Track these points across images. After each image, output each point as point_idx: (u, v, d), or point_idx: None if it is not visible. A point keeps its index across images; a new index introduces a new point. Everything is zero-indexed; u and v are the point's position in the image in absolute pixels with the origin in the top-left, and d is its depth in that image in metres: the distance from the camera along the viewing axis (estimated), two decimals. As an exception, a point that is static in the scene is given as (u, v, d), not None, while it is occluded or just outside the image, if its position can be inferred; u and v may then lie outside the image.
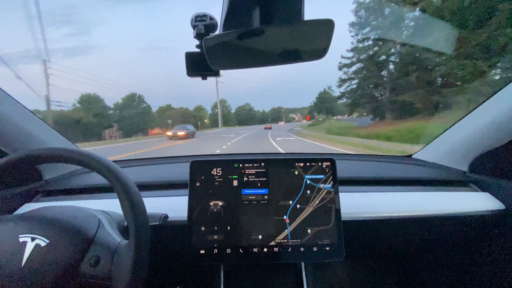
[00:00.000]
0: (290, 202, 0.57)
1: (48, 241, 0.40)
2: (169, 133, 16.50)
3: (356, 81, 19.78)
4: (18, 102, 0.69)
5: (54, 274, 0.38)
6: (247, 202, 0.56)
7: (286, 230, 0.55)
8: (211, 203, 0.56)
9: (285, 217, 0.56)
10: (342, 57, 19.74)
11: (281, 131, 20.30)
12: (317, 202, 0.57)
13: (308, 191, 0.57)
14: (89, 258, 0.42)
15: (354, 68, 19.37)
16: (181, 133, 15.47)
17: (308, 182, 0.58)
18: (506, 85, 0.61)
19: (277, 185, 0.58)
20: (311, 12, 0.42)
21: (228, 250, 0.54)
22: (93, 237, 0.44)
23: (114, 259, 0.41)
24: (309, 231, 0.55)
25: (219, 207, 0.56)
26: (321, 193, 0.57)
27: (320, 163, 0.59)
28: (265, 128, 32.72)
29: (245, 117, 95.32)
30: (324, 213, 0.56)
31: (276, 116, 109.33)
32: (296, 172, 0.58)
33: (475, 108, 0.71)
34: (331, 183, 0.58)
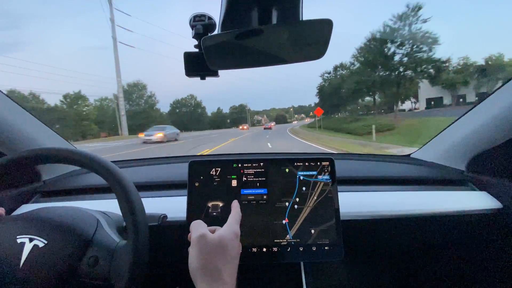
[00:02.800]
0: (289, 201, 0.57)
1: (46, 242, 0.40)
2: None
3: None
4: (16, 102, 0.69)
5: (52, 275, 0.38)
6: (246, 202, 0.56)
7: (287, 230, 0.55)
8: (210, 204, 0.56)
9: (283, 220, 0.56)
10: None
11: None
12: (315, 198, 0.57)
13: (304, 188, 0.57)
14: (88, 258, 0.41)
15: None
16: None
17: (301, 178, 0.58)
18: (504, 84, 0.61)
19: (276, 185, 0.57)
20: (310, 12, 0.42)
21: None
22: (92, 238, 0.44)
23: (113, 259, 0.41)
24: (312, 231, 0.55)
25: (218, 207, 0.56)
26: (318, 188, 0.57)
27: (318, 163, 0.59)
28: (264, 129, 31.99)
29: (188, 117, 59.16)
30: (325, 210, 0.56)
31: (238, 117, 79.51)
32: (292, 170, 0.58)
33: (473, 108, 0.71)
34: (327, 175, 0.58)
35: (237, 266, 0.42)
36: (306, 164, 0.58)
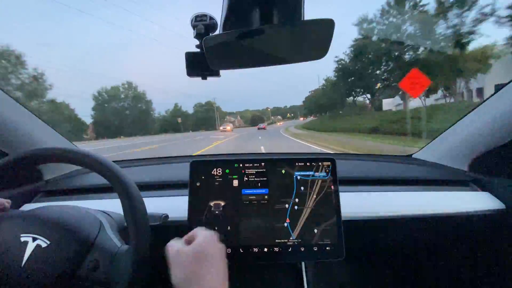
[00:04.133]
0: (289, 201, 0.57)
1: (49, 242, 0.40)
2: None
3: None
4: (18, 102, 0.69)
5: (52, 277, 0.38)
6: (247, 202, 0.56)
7: (289, 231, 0.55)
8: (212, 203, 0.56)
9: (285, 221, 0.56)
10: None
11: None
12: (314, 196, 0.57)
13: (302, 188, 0.57)
14: (88, 262, 0.41)
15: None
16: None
17: (299, 177, 0.58)
18: (507, 84, 0.61)
19: (276, 185, 0.58)
20: (311, 12, 0.42)
21: (228, 250, 0.54)
22: (94, 241, 0.43)
23: (113, 265, 0.41)
24: (315, 231, 0.55)
25: (219, 207, 0.56)
26: (316, 186, 0.57)
27: (320, 163, 0.59)
28: (258, 129, 31.73)
29: (121, 116, 39.73)
30: (325, 208, 0.56)
31: (205, 117, 63.57)
32: (289, 171, 0.58)
33: (475, 108, 0.70)
34: (323, 172, 0.58)
35: (225, 266, 0.42)
36: (307, 164, 0.58)
